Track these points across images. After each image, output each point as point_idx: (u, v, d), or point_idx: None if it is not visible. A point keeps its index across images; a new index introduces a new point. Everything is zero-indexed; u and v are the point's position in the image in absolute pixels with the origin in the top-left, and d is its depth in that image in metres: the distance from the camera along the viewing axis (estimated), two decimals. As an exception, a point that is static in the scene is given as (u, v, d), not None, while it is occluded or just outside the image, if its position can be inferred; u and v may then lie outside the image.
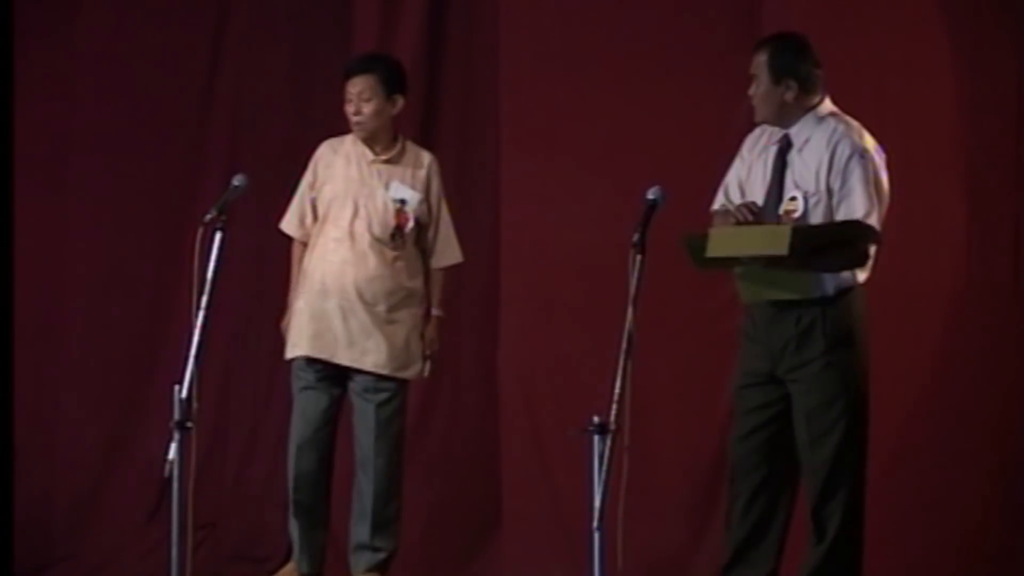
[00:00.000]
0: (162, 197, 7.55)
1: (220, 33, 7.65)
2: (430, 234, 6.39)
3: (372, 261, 6.24)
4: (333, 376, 6.29)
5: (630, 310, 4.92)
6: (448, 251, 6.44)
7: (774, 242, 5.19)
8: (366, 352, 6.25)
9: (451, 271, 6.62)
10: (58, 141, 7.54)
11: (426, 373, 6.42)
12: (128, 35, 7.58)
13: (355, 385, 6.30)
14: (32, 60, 7.28)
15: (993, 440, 6.42)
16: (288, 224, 6.36)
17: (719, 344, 6.52)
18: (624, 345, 4.88)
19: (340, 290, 6.23)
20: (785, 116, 5.49)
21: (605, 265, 5.48)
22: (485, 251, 7.25)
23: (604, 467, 4.82)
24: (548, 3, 7.14)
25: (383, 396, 6.28)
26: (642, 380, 4.94)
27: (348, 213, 6.26)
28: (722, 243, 5.29)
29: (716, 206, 5.59)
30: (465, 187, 7.35)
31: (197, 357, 5.23)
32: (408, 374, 6.34)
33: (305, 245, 6.37)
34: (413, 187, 6.32)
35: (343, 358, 6.25)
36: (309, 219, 6.36)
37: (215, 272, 5.31)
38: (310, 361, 6.28)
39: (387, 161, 6.31)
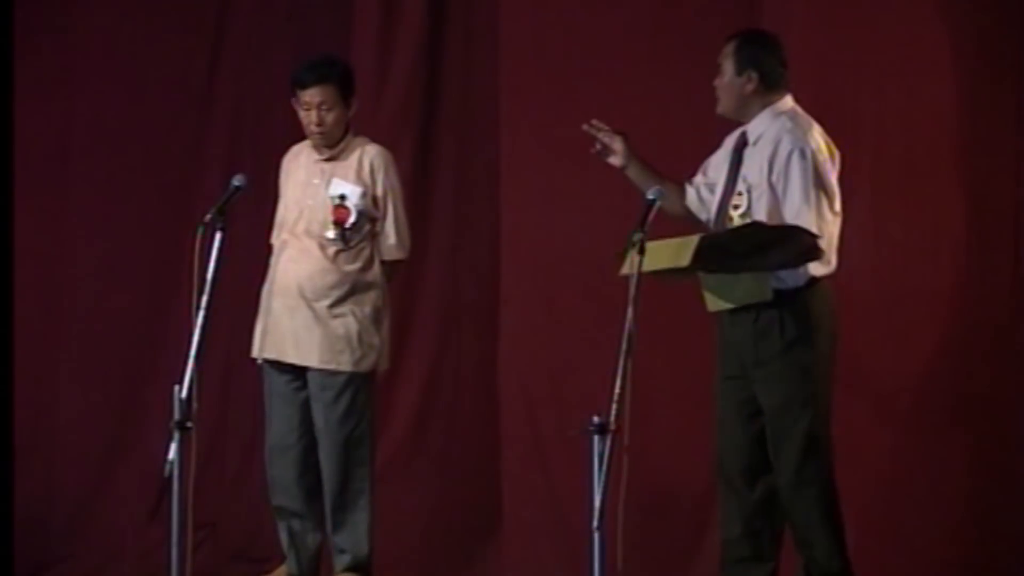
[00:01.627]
0: (162, 197, 7.54)
1: (220, 33, 7.65)
2: (378, 227, 6.35)
3: (313, 257, 6.24)
4: (297, 377, 6.29)
5: (630, 310, 4.89)
6: (390, 245, 6.34)
7: (681, 254, 5.22)
8: (311, 350, 6.23)
9: (448, 270, 6.74)
10: (58, 141, 7.52)
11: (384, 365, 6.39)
12: (128, 35, 7.57)
13: (310, 385, 6.28)
14: (32, 60, 7.28)
15: (991, 440, 6.40)
16: (272, 237, 6.40)
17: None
18: (624, 345, 4.87)
19: (284, 289, 6.25)
20: (743, 109, 5.52)
21: (605, 265, 5.44)
22: (485, 251, 7.27)
23: (604, 467, 4.80)
24: (548, 3, 7.10)
25: (330, 394, 6.23)
26: (642, 380, 4.91)
27: (294, 216, 6.30)
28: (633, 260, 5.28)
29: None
30: (465, 187, 7.40)
31: (197, 357, 5.22)
32: (362, 367, 6.27)
33: None
34: (356, 182, 6.28)
35: (292, 357, 6.25)
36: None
37: (215, 272, 5.31)
38: (274, 365, 6.29)
39: (329, 159, 6.30)
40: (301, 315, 6.22)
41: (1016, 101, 6.26)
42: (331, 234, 6.24)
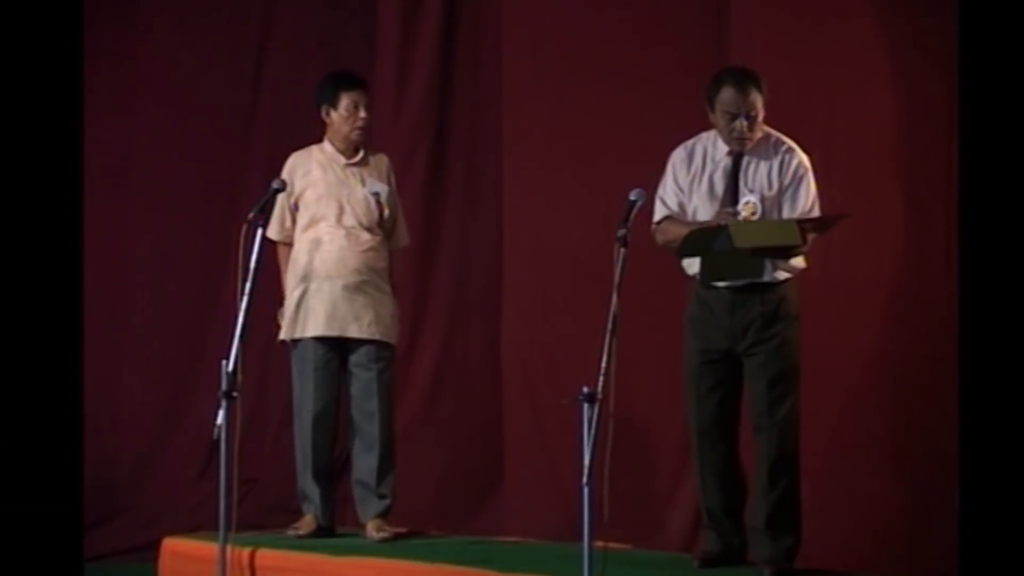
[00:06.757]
0: (212, 198, 7.91)
1: (261, 56, 8.08)
2: (391, 222, 6.69)
3: (364, 245, 6.55)
4: (339, 352, 6.55)
5: (615, 296, 5.15)
6: (404, 234, 6.78)
7: (787, 235, 5.56)
8: (370, 324, 6.50)
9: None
10: (122, 150, 7.90)
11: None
12: (182, 59, 7.96)
13: (358, 356, 6.54)
14: (100, 81, 7.48)
15: (922, 433, 6.45)
16: (271, 231, 6.45)
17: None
18: (609, 326, 5.12)
19: (342, 273, 6.49)
20: None
21: (595, 258, 5.71)
22: (490, 245, 7.61)
23: (592, 431, 5.07)
24: (547, 24, 7.33)
25: (383, 364, 6.55)
26: (626, 356, 5.13)
27: (334, 211, 6.52)
28: (746, 236, 5.58)
29: (658, 217, 5.92)
30: (472, 190, 7.75)
31: (241, 336, 5.55)
32: (395, 339, 6.67)
33: (287, 246, 6.61)
34: (382, 182, 6.64)
35: (352, 331, 6.49)
36: (288, 222, 6.61)
37: (256, 262, 5.62)
38: (321, 341, 6.50)
39: (358, 164, 6.63)
40: (361, 295, 6.50)
41: (949, 111, 6.21)
42: (377, 225, 6.59)
